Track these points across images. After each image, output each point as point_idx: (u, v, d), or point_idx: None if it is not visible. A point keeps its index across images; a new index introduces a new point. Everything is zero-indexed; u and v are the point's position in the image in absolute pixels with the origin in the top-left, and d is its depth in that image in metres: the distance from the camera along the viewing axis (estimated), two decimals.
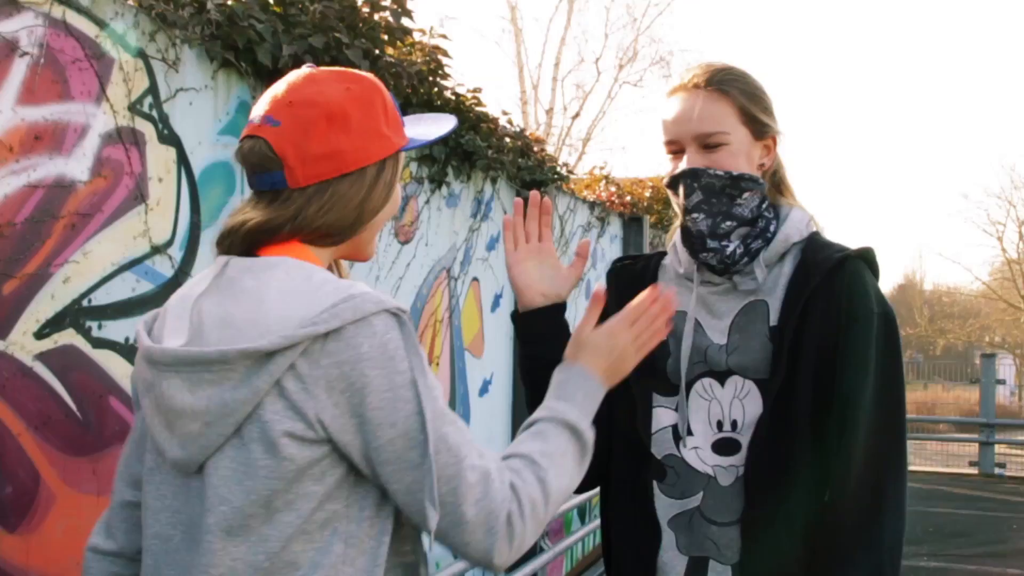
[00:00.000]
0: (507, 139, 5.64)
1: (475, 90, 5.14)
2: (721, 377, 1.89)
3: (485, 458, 1.44)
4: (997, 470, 13.83)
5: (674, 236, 2.02)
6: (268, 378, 1.33)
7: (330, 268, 1.56)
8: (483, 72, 36.27)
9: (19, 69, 2.45)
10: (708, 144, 1.88)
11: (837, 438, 1.80)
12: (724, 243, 1.89)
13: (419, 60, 4.37)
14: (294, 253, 1.46)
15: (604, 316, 1.89)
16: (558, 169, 6.50)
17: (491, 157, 5.25)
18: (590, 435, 1.59)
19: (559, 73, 21.72)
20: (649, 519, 1.92)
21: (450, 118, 1.67)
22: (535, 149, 6.15)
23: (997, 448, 14.21)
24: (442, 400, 1.42)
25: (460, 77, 5.38)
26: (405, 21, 4.17)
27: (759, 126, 1.91)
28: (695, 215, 1.90)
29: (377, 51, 3.93)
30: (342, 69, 1.55)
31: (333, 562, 1.38)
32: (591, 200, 7.84)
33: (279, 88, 1.50)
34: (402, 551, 1.48)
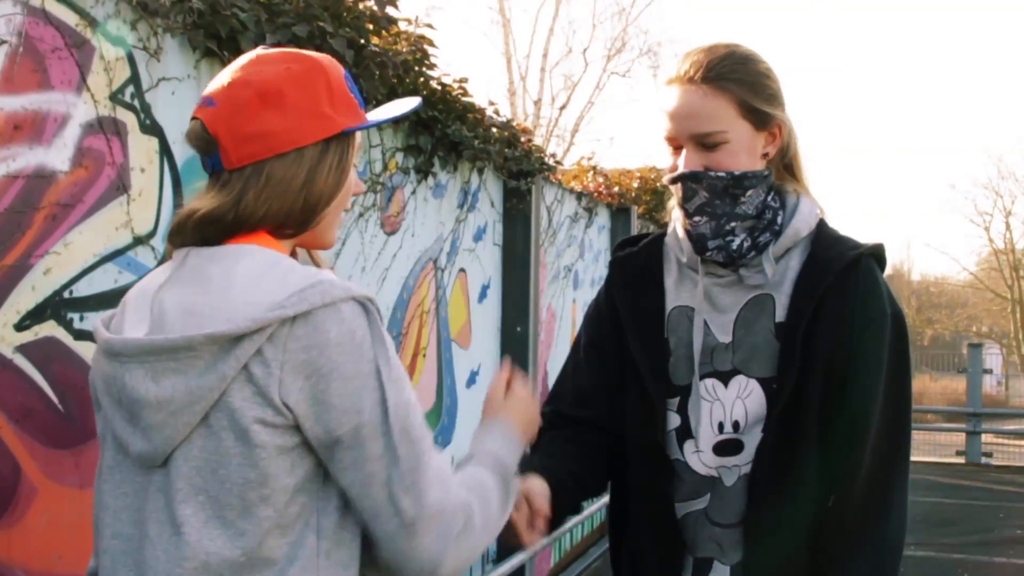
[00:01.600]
0: (494, 129, 5.62)
1: (462, 80, 5.12)
2: (725, 377, 1.84)
3: (446, 460, 1.42)
4: (984, 459, 13.88)
5: (673, 218, 1.95)
6: (235, 363, 1.32)
7: (295, 256, 1.53)
8: (471, 63, 36.20)
9: None
10: (706, 143, 1.79)
11: (847, 441, 1.78)
12: (729, 239, 1.83)
13: (404, 50, 4.34)
14: (257, 240, 1.44)
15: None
16: (545, 160, 6.48)
17: (478, 148, 5.23)
18: (516, 483, 1.57)
19: (547, 64, 21.71)
20: (673, 524, 1.88)
21: (415, 99, 1.64)
22: (522, 140, 6.13)
23: (984, 437, 14.26)
24: (409, 391, 1.39)
25: (448, 68, 5.38)
26: (390, 10, 4.14)
27: (761, 116, 1.81)
28: (697, 218, 1.84)
29: (362, 40, 3.90)
30: (292, 50, 1.53)
31: (308, 554, 1.36)
32: (579, 191, 7.83)
33: (225, 71, 1.49)
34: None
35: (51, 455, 2.59)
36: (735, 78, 1.79)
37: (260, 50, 1.51)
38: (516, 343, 6.16)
